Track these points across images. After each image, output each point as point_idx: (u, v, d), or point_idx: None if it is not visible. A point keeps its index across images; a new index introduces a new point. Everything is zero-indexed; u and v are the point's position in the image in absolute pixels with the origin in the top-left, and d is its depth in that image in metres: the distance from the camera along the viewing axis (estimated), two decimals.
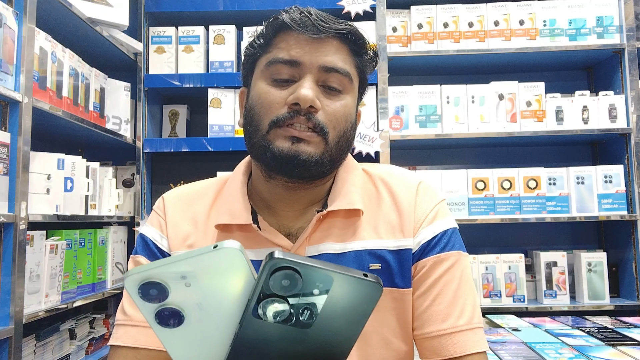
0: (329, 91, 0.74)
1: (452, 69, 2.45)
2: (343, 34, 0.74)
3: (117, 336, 0.76)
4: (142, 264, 0.78)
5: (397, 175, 0.82)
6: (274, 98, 0.72)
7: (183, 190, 0.86)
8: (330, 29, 0.72)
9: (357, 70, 0.78)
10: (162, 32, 2.24)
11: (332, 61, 0.73)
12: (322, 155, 0.72)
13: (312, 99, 0.70)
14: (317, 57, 0.72)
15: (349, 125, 0.76)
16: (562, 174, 2.19)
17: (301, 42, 0.73)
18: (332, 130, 0.73)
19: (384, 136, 2.14)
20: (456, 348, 0.70)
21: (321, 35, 0.72)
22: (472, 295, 0.74)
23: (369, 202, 0.78)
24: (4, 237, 1.38)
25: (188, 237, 0.79)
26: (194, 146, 2.14)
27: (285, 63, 0.73)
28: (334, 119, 0.73)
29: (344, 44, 0.75)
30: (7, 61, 1.39)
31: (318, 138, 0.72)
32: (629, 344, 1.37)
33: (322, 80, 0.73)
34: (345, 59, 0.75)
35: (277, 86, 0.73)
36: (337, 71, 0.73)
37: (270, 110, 0.72)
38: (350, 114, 0.76)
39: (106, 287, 1.97)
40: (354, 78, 0.77)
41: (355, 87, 0.78)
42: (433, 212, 0.77)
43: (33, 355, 1.56)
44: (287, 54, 0.73)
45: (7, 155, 1.38)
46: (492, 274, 2.16)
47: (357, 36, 0.76)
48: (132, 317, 0.76)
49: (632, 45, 2.19)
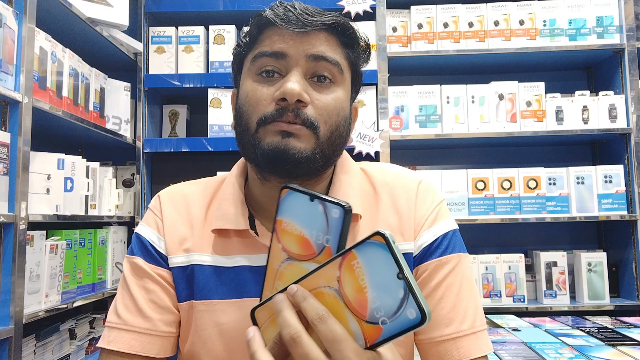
0: (319, 83, 0.71)
1: (452, 69, 2.45)
2: (329, 25, 0.71)
3: (109, 339, 0.74)
4: (140, 265, 0.77)
5: (396, 175, 0.80)
6: (261, 95, 0.70)
7: (179, 189, 0.84)
8: (316, 22, 0.70)
9: (348, 61, 0.75)
10: (162, 32, 2.24)
11: (320, 50, 0.70)
12: (314, 150, 0.69)
13: (299, 92, 0.67)
14: (304, 48, 0.70)
15: (342, 119, 0.73)
16: (562, 174, 2.19)
17: (286, 36, 0.70)
18: (322, 125, 0.70)
19: (384, 136, 2.14)
20: (460, 353, 0.70)
21: (306, 29, 0.69)
22: (474, 298, 0.74)
23: (367, 205, 0.77)
24: (4, 237, 1.38)
25: (185, 240, 0.78)
26: (194, 146, 2.15)
27: (270, 56, 0.70)
28: (325, 112, 0.70)
29: (332, 36, 0.72)
30: (7, 61, 1.39)
31: (308, 132, 0.69)
32: (629, 344, 1.37)
33: (311, 71, 0.71)
34: (335, 49, 0.72)
35: (264, 82, 0.71)
36: (325, 59, 0.70)
37: (257, 108, 0.70)
38: (343, 107, 0.73)
39: (106, 287, 1.97)
40: (345, 69, 0.74)
41: (347, 80, 0.75)
42: (433, 214, 0.76)
43: (33, 355, 1.56)
44: (272, 46, 0.71)
45: (7, 155, 1.38)
46: (492, 274, 2.16)
47: (345, 27, 0.73)
48: (126, 321, 0.74)
49: (632, 45, 2.19)
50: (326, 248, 0.51)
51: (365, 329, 0.46)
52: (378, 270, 0.45)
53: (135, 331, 0.74)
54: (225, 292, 0.74)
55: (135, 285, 0.76)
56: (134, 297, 0.76)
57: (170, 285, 0.77)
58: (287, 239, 0.54)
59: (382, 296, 0.45)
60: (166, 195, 0.83)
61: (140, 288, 0.76)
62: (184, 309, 0.76)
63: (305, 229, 0.53)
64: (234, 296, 0.74)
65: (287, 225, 0.54)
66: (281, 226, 0.54)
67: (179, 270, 0.77)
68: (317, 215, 0.52)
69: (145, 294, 0.76)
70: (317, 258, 0.51)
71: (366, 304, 0.46)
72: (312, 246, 0.52)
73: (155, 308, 0.75)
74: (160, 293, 0.76)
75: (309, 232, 0.52)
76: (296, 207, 0.53)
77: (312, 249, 0.52)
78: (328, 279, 0.48)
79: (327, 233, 0.51)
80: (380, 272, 0.45)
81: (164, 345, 0.75)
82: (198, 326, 0.74)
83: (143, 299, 0.75)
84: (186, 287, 0.76)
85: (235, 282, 0.74)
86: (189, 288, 0.76)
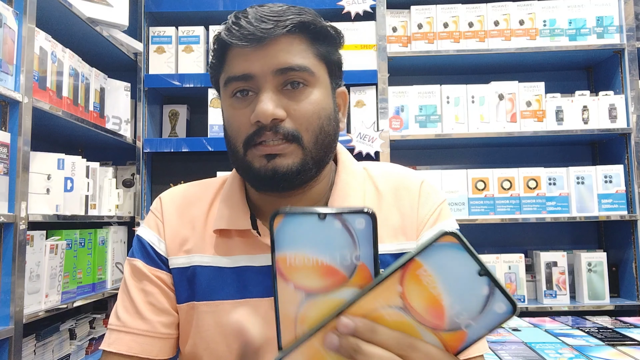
0: (293, 89, 0.70)
1: (452, 69, 2.45)
2: (289, 29, 0.69)
3: (109, 341, 0.75)
4: (139, 268, 0.78)
5: (398, 175, 0.80)
6: (240, 119, 0.71)
7: (180, 191, 0.84)
8: (274, 29, 0.68)
9: (318, 57, 0.73)
10: (162, 32, 2.24)
11: (284, 61, 0.69)
12: (303, 161, 0.70)
13: (272, 112, 0.67)
14: (268, 63, 0.69)
15: (324, 119, 0.72)
16: (562, 174, 2.19)
17: (249, 54, 0.69)
18: (305, 133, 0.70)
19: (384, 136, 2.14)
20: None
21: (265, 42, 0.68)
22: None
23: (370, 205, 0.77)
24: (4, 237, 1.38)
25: (186, 242, 0.78)
26: (194, 146, 2.14)
27: (238, 79, 0.70)
28: (304, 120, 0.70)
29: (295, 36, 0.70)
30: (7, 61, 1.39)
31: (292, 146, 0.69)
32: (629, 344, 1.37)
33: (282, 82, 0.70)
34: (301, 51, 0.70)
35: (239, 103, 0.71)
36: (291, 69, 0.69)
37: (239, 132, 0.71)
38: (323, 107, 0.72)
39: (106, 287, 1.97)
40: (317, 67, 0.72)
41: (322, 75, 0.73)
42: (435, 214, 0.77)
43: (33, 355, 1.56)
44: (238, 69, 0.70)
45: (7, 155, 1.38)
46: None
47: (306, 24, 0.70)
48: (125, 323, 0.75)
49: (632, 45, 2.19)
50: (359, 266, 0.44)
51: (445, 339, 0.43)
52: (454, 273, 0.41)
53: (134, 333, 0.74)
54: (227, 293, 0.74)
55: (134, 288, 0.77)
56: (133, 300, 0.77)
57: (169, 288, 0.77)
58: (301, 275, 0.44)
59: (461, 299, 0.41)
60: (167, 197, 0.84)
61: (139, 290, 0.77)
62: (183, 311, 0.76)
63: (324, 255, 0.44)
64: (237, 296, 0.74)
65: (294, 259, 0.44)
66: (286, 264, 0.44)
67: (179, 271, 0.77)
68: (336, 233, 0.43)
69: (143, 296, 0.77)
70: (351, 281, 0.44)
71: (443, 313, 0.42)
72: (338, 271, 0.44)
73: (154, 310, 0.76)
74: (159, 295, 0.77)
75: (330, 257, 0.44)
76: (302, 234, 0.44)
77: (340, 273, 0.44)
78: (387, 299, 0.42)
79: (355, 249, 0.43)
80: (457, 274, 0.41)
81: (163, 346, 0.76)
82: (200, 327, 0.75)
83: (142, 301, 0.76)
84: (187, 288, 0.76)
85: (238, 282, 0.74)
86: (190, 289, 0.76)
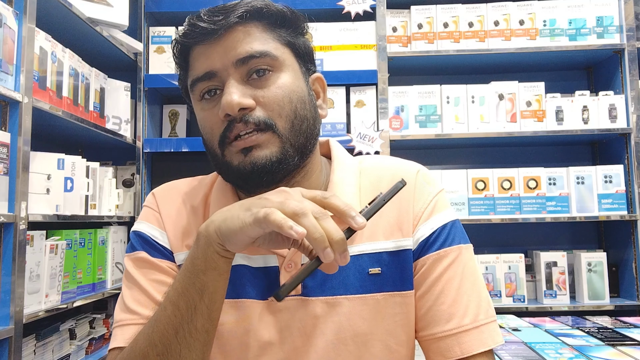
0: (259, 78, 0.68)
1: (452, 69, 2.45)
2: (242, 16, 0.67)
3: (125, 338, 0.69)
4: (146, 259, 0.74)
5: (393, 169, 0.78)
6: (210, 120, 0.70)
7: (173, 185, 0.82)
8: (228, 20, 0.67)
9: (280, 42, 0.71)
10: (162, 32, 2.24)
11: (243, 49, 0.68)
12: (282, 149, 0.68)
13: (238, 102, 0.66)
14: (228, 55, 0.68)
15: (298, 102, 0.70)
16: (562, 174, 2.19)
17: (208, 50, 0.69)
18: (278, 118, 0.68)
19: (384, 136, 2.14)
20: (463, 348, 0.68)
21: (220, 32, 0.67)
22: (477, 291, 0.72)
23: (366, 201, 0.74)
24: (4, 237, 1.38)
25: (185, 235, 0.76)
26: (194, 146, 2.14)
27: (202, 80, 0.69)
28: (275, 105, 0.68)
29: (252, 24, 0.69)
30: (7, 61, 1.39)
31: (266, 135, 0.67)
32: (629, 344, 1.36)
33: (246, 72, 0.68)
34: (260, 37, 0.69)
35: (208, 105, 0.70)
36: (252, 57, 0.67)
37: (213, 133, 0.70)
38: (293, 90, 0.70)
39: (106, 287, 1.97)
40: (279, 52, 0.70)
41: (288, 59, 0.71)
42: (430, 206, 0.74)
43: (33, 355, 1.56)
44: (200, 69, 0.69)
45: (7, 155, 1.38)
46: (492, 274, 2.16)
47: (259, 8, 0.69)
48: (142, 315, 0.71)
49: (632, 45, 2.19)
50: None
51: None
52: None
53: None
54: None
55: (144, 279, 0.74)
56: (146, 290, 0.73)
57: None
58: None
59: None
60: (161, 191, 0.82)
61: (151, 281, 0.73)
62: None
63: None
64: (231, 296, 0.72)
65: None
66: None
67: None
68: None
69: (157, 285, 0.73)
70: None
71: None
72: None
73: None
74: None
75: None
76: None
77: None
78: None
79: None
80: None
81: None
82: None
83: (156, 290, 0.72)
84: None
85: (233, 282, 0.72)
86: None
